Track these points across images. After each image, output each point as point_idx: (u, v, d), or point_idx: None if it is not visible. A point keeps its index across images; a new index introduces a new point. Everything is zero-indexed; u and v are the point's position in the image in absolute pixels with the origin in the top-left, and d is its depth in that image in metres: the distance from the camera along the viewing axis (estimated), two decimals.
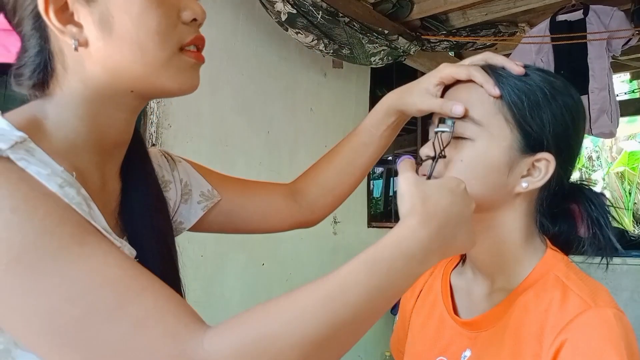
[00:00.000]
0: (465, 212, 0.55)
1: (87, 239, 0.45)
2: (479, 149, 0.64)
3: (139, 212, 0.62)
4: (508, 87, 0.64)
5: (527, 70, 0.66)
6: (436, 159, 0.65)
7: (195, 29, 0.58)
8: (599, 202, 0.67)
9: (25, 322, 0.42)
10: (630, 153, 7.59)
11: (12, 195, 0.43)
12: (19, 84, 0.55)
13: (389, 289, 0.48)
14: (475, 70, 0.65)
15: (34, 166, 0.46)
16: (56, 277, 0.42)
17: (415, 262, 0.50)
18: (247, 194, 0.81)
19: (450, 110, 0.64)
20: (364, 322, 0.47)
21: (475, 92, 0.65)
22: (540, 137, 0.64)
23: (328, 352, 0.45)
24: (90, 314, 0.41)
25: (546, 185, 0.66)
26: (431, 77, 0.70)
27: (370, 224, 3.15)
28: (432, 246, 0.51)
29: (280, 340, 0.42)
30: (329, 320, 0.44)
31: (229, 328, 0.43)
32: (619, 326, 0.56)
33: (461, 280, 0.77)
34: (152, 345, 0.41)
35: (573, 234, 0.69)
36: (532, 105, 0.63)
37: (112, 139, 0.59)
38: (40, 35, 0.53)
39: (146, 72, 0.54)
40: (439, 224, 0.52)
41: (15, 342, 0.48)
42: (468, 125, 0.64)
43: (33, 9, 0.52)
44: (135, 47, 0.53)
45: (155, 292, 0.44)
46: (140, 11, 0.52)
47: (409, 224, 0.51)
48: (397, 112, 0.78)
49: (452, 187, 0.55)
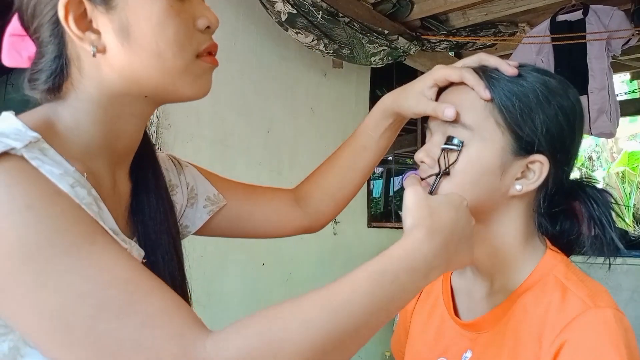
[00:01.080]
0: (467, 228, 0.57)
1: (97, 238, 0.46)
2: (471, 153, 0.64)
3: (149, 214, 0.63)
4: (499, 89, 0.63)
5: (523, 70, 0.65)
6: (440, 175, 0.65)
7: (209, 37, 0.59)
8: (602, 200, 0.66)
9: (35, 318, 0.43)
10: (631, 153, 7.60)
11: (26, 193, 0.44)
12: (33, 88, 0.56)
13: (392, 302, 0.49)
14: (467, 73, 0.65)
15: (47, 165, 0.47)
16: (68, 275, 0.42)
17: (419, 276, 0.51)
18: (253, 200, 0.82)
19: (443, 113, 0.64)
20: (366, 333, 0.48)
21: (467, 95, 0.65)
22: (532, 139, 0.63)
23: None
24: (100, 311, 0.42)
25: (543, 187, 0.66)
26: (425, 80, 0.70)
27: (370, 224, 3.15)
28: (436, 261, 0.52)
29: (283, 347, 0.43)
30: (333, 330, 0.44)
31: (232, 332, 0.44)
32: (619, 327, 0.56)
33: (462, 281, 0.77)
34: (159, 344, 0.42)
35: (575, 233, 0.68)
36: (524, 107, 0.63)
37: (124, 143, 0.60)
38: (58, 42, 0.54)
39: (164, 79, 0.55)
40: (444, 239, 0.53)
41: (25, 341, 0.48)
42: (459, 130, 0.64)
43: (53, 15, 0.53)
44: (153, 55, 0.54)
45: (162, 294, 0.45)
46: (159, 21, 0.53)
47: (416, 237, 0.52)
48: (394, 114, 0.78)
49: (456, 204, 0.57)
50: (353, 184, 0.85)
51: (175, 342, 0.42)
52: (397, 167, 4.70)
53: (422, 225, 0.53)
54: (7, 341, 0.48)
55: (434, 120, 0.68)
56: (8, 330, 0.48)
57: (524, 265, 0.67)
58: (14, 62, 0.59)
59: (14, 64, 0.58)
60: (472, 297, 0.73)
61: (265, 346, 0.43)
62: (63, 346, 0.43)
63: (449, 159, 0.65)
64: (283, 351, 0.43)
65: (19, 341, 0.48)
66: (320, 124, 2.80)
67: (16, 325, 0.45)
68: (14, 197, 0.43)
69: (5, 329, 0.48)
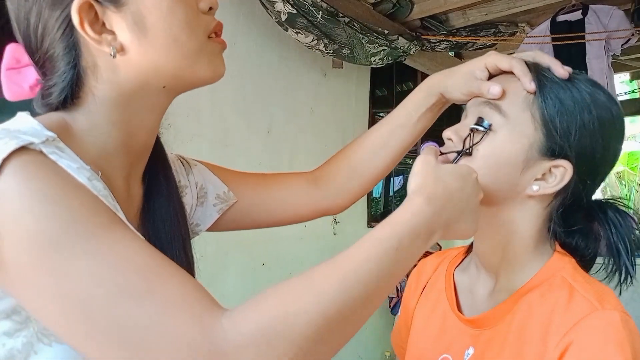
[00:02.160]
0: (472, 199, 0.58)
1: (116, 227, 0.46)
2: (497, 140, 0.64)
3: (161, 218, 0.64)
4: (545, 86, 0.63)
5: (575, 76, 0.65)
6: (461, 153, 0.65)
7: (213, 17, 0.61)
8: (624, 226, 0.64)
9: (56, 306, 0.43)
10: (630, 153, 7.59)
11: (44, 184, 0.44)
12: (46, 105, 0.57)
13: (398, 267, 0.50)
14: (517, 62, 0.65)
15: (64, 160, 0.48)
16: (87, 262, 0.43)
17: (420, 241, 0.52)
18: (266, 187, 0.81)
19: (488, 91, 0.65)
20: (376, 300, 0.49)
21: (511, 83, 0.65)
22: (563, 143, 0.62)
23: (339, 330, 0.46)
24: (120, 297, 0.42)
25: (560, 194, 0.65)
26: (476, 62, 0.71)
27: (370, 224, 3.15)
28: (434, 225, 0.53)
29: (298, 319, 0.43)
30: (345, 299, 0.45)
31: (246, 310, 0.44)
32: (625, 329, 0.56)
33: (465, 277, 0.77)
34: (179, 328, 0.42)
35: (590, 254, 0.67)
36: (564, 109, 0.62)
37: (142, 141, 0.61)
38: (73, 53, 0.55)
39: (182, 64, 0.57)
40: (444, 203, 0.54)
41: (39, 337, 0.49)
42: (493, 114, 0.64)
43: (65, 28, 0.54)
44: (170, 41, 0.55)
45: (180, 279, 0.46)
46: (168, 7, 0.55)
47: (416, 202, 0.53)
48: (438, 95, 0.77)
49: (463, 174, 0.58)
50: (384, 163, 0.83)
51: (196, 325, 0.42)
52: (398, 167, 4.70)
53: (424, 189, 0.54)
54: (20, 337, 0.49)
55: (474, 100, 0.69)
56: (22, 326, 0.49)
57: (530, 265, 0.67)
58: (17, 96, 0.59)
59: (17, 97, 0.59)
60: (475, 294, 0.73)
61: (280, 319, 0.43)
62: (84, 333, 0.43)
63: (474, 139, 0.65)
64: (298, 323, 0.43)
65: (33, 337, 0.49)
66: (320, 124, 2.80)
67: (38, 313, 0.46)
68: (33, 189, 0.44)
69: (20, 325, 0.49)
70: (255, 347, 0.42)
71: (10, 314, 0.48)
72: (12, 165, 0.44)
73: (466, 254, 0.81)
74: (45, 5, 0.53)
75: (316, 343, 0.44)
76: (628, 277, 0.64)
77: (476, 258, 0.75)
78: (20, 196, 0.43)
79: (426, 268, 0.85)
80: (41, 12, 0.54)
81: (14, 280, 0.44)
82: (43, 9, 0.53)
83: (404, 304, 0.87)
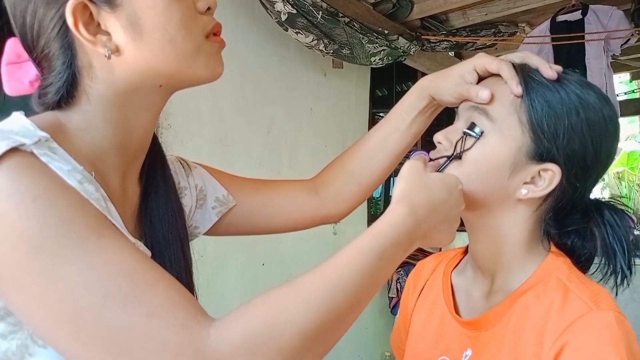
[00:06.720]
0: (453, 211, 0.59)
1: (104, 231, 0.46)
2: (486, 146, 0.64)
3: (158, 217, 0.64)
4: (532, 89, 0.63)
5: (565, 77, 0.64)
6: (451, 158, 0.65)
7: (212, 17, 0.60)
8: (619, 226, 0.64)
9: (42, 308, 0.43)
10: (630, 153, 7.59)
11: (34, 185, 0.44)
12: (42, 104, 0.57)
13: (380, 275, 0.52)
14: (505, 65, 0.65)
15: (55, 162, 0.48)
16: (74, 265, 0.43)
17: (401, 250, 0.54)
18: (265, 193, 0.81)
19: (477, 95, 0.65)
20: (359, 307, 0.51)
21: (499, 87, 0.65)
22: (551, 146, 0.62)
23: (326, 337, 0.47)
24: (106, 301, 0.43)
25: (551, 196, 0.65)
26: (466, 65, 0.71)
27: (370, 224, 3.14)
28: (416, 235, 0.55)
29: (285, 328, 0.44)
30: (329, 307, 0.46)
31: (234, 319, 0.45)
32: (621, 329, 0.56)
33: (461, 279, 0.77)
34: (164, 334, 0.42)
35: (585, 254, 0.66)
36: (551, 112, 0.62)
37: (138, 139, 0.61)
38: (68, 52, 0.55)
39: (179, 64, 0.56)
40: (426, 214, 0.56)
41: (33, 339, 0.49)
42: (482, 119, 0.64)
43: (60, 27, 0.53)
44: (165, 42, 0.55)
45: (167, 285, 0.46)
46: (163, 7, 0.54)
47: (399, 211, 0.54)
48: (429, 97, 0.77)
49: (450, 185, 0.59)
50: (381, 167, 0.83)
51: (180, 332, 0.43)
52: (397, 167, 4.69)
53: (407, 199, 0.55)
54: (15, 339, 0.49)
55: (464, 105, 0.69)
56: (17, 328, 0.49)
57: (524, 266, 0.67)
58: (17, 91, 0.59)
59: (17, 92, 0.59)
60: (471, 296, 0.73)
61: (267, 329, 0.44)
62: (69, 336, 0.43)
63: (466, 144, 0.65)
64: (285, 332, 0.44)
65: (27, 339, 0.49)
66: (320, 124, 2.80)
67: (23, 316, 0.46)
68: (22, 190, 0.44)
69: (14, 327, 0.49)
70: (241, 357, 0.42)
71: (4, 316, 0.48)
72: (2, 166, 0.44)
73: (462, 255, 0.81)
74: (41, 4, 0.53)
75: (302, 352, 0.44)
76: (624, 278, 0.63)
77: (472, 260, 0.75)
78: (8, 197, 0.43)
79: (424, 269, 0.86)
80: (36, 11, 0.53)
81: (1, 281, 0.44)
82: (38, 8, 0.53)
83: (402, 306, 0.88)
